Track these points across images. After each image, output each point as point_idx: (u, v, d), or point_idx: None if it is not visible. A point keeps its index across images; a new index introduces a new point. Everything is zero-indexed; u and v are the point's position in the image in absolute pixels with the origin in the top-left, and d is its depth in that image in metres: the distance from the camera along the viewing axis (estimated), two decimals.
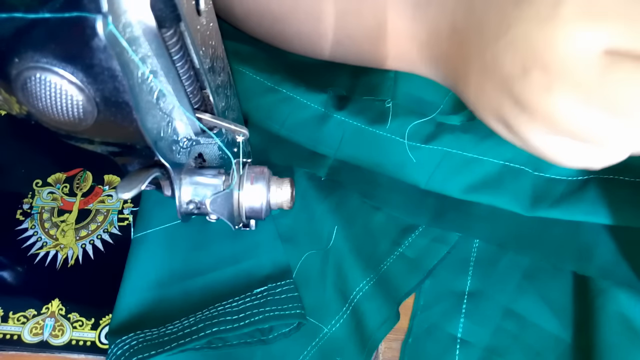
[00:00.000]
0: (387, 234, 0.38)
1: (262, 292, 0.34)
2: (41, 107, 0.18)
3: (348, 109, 0.38)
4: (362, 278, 0.36)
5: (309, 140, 0.39)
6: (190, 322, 0.32)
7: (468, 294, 0.36)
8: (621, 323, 0.32)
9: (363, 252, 0.37)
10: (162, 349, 0.31)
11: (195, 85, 0.24)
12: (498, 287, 0.36)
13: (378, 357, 0.35)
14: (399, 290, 0.36)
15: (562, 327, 0.34)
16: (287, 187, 0.30)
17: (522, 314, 0.35)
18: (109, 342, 0.33)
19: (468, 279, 0.36)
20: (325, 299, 0.35)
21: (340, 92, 0.39)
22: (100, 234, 0.40)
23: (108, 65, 0.17)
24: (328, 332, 0.34)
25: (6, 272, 0.39)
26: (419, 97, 0.38)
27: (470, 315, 0.35)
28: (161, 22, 0.19)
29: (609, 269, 0.33)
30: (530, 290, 0.35)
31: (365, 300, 0.35)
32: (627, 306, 0.32)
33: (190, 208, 0.27)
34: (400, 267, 0.37)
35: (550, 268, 0.36)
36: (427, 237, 0.38)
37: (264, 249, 0.36)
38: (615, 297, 0.32)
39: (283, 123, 0.39)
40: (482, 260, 0.37)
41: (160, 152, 0.23)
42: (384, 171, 0.37)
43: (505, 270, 0.36)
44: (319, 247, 0.37)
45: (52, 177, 0.43)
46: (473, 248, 0.37)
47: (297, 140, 0.39)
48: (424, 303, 0.36)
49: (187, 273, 0.36)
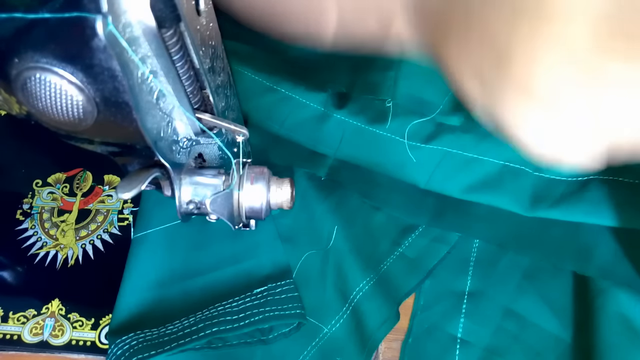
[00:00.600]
0: (387, 234, 0.38)
1: (262, 292, 0.34)
2: (41, 107, 0.18)
3: (348, 108, 0.38)
4: (362, 278, 0.36)
5: (308, 139, 0.39)
6: (190, 322, 0.32)
7: (468, 294, 0.36)
8: (621, 323, 0.31)
9: (363, 252, 0.37)
10: (162, 349, 0.31)
11: (195, 85, 0.24)
12: (498, 287, 0.36)
13: (378, 357, 0.35)
14: (399, 290, 0.36)
15: (562, 327, 0.34)
16: (287, 187, 0.30)
17: (522, 314, 0.35)
18: (109, 342, 0.33)
19: (468, 279, 0.36)
20: (325, 299, 0.35)
21: (340, 89, 0.39)
22: (100, 234, 0.40)
23: (108, 65, 0.17)
24: (328, 332, 0.34)
25: (6, 272, 0.39)
26: (418, 97, 0.38)
27: (471, 315, 0.35)
28: (161, 22, 0.19)
29: (609, 269, 0.33)
30: (530, 291, 0.35)
31: (365, 300, 0.35)
32: (627, 306, 0.32)
33: (190, 208, 0.27)
34: (400, 267, 0.37)
35: (550, 268, 0.36)
36: (427, 237, 0.38)
37: (264, 249, 0.36)
38: (615, 297, 0.32)
39: (282, 123, 0.39)
40: (482, 261, 0.37)
41: (160, 152, 0.23)
42: (384, 171, 0.37)
43: (505, 271, 0.36)
44: (319, 247, 0.37)
45: (52, 177, 0.43)
46: (473, 248, 0.37)
47: (296, 139, 0.39)
48: (424, 303, 0.36)
49: (187, 273, 0.36)
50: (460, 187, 0.35)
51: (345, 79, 0.40)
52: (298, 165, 0.39)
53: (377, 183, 0.38)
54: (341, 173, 0.38)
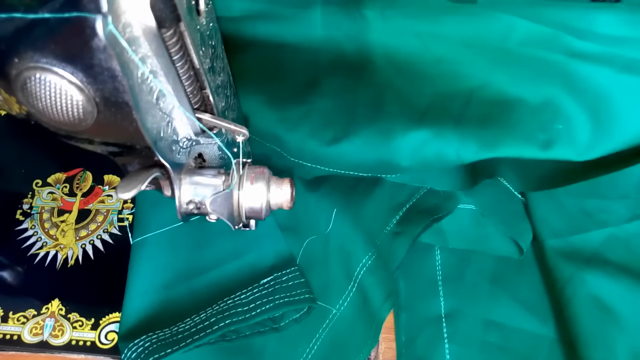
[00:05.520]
0: (381, 211, 0.39)
1: (269, 282, 0.34)
2: (41, 107, 0.18)
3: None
4: (364, 253, 0.36)
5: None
6: (201, 318, 0.33)
7: (445, 317, 0.36)
8: (595, 306, 0.32)
9: (362, 229, 0.38)
10: (178, 346, 0.31)
11: (195, 85, 0.24)
12: (471, 299, 0.36)
13: (378, 357, 0.35)
14: (391, 265, 0.37)
15: (542, 323, 0.35)
16: (287, 187, 0.30)
17: (501, 321, 0.35)
18: (121, 348, 0.33)
19: (441, 300, 0.37)
20: (330, 280, 0.36)
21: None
22: (100, 234, 0.40)
23: (108, 65, 0.17)
24: (337, 312, 0.35)
25: (6, 272, 0.39)
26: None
27: (453, 338, 0.35)
28: (161, 22, 0.19)
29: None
30: (502, 295, 0.36)
31: (368, 275, 0.36)
32: (595, 286, 0.33)
33: (190, 208, 0.27)
34: (391, 240, 0.38)
35: (514, 265, 0.37)
36: (414, 211, 0.39)
37: (266, 241, 0.36)
38: (583, 281, 0.33)
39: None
40: (449, 276, 0.38)
41: (160, 152, 0.23)
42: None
43: (473, 280, 0.37)
44: (319, 232, 0.37)
45: (52, 177, 0.43)
46: (437, 266, 0.38)
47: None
48: (405, 339, 0.36)
49: (191, 272, 0.36)
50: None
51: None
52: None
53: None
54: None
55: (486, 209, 0.39)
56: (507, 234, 0.38)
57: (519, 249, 0.37)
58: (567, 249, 0.36)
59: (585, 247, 0.35)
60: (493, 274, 0.37)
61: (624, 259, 0.34)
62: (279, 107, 0.34)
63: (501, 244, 0.38)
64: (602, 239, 0.35)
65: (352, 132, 0.32)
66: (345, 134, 0.33)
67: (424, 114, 0.32)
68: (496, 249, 0.38)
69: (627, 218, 0.35)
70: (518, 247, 0.37)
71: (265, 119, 0.35)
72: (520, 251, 0.37)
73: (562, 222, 0.37)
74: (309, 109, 0.34)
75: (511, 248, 0.38)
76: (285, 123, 0.34)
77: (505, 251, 0.38)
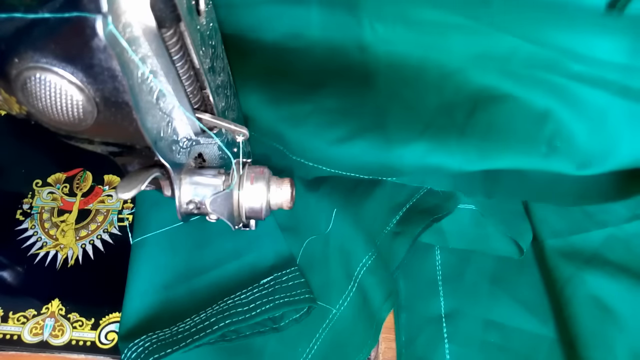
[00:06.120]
0: (381, 211, 0.39)
1: (269, 282, 0.34)
2: (41, 107, 0.18)
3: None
4: (364, 253, 0.36)
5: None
6: (201, 318, 0.33)
7: (445, 317, 0.36)
8: (594, 306, 0.32)
9: (362, 229, 0.38)
10: (178, 346, 0.31)
11: (195, 85, 0.24)
12: (471, 300, 0.36)
13: (378, 357, 0.35)
14: (392, 264, 0.37)
15: (542, 323, 0.35)
16: (287, 187, 0.30)
17: (501, 321, 0.35)
18: (121, 348, 0.33)
19: (441, 300, 0.37)
20: (330, 280, 0.36)
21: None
22: (100, 234, 0.40)
23: (108, 65, 0.17)
24: (337, 312, 0.35)
25: (6, 272, 0.39)
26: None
27: (453, 338, 0.35)
28: (161, 22, 0.19)
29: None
30: (502, 295, 0.36)
31: (368, 275, 0.36)
32: (595, 286, 0.33)
33: (190, 208, 0.27)
34: (391, 240, 0.38)
35: (514, 265, 0.37)
36: (414, 212, 0.39)
37: (265, 241, 0.36)
38: (583, 281, 0.33)
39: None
40: (449, 276, 0.38)
41: (160, 152, 0.23)
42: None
43: (474, 280, 0.37)
44: (319, 232, 0.37)
45: (52, 177, 0.43)
46: (437, 266, 0.38)
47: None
48: (405, 339, 0.36)
49: (191, 272, 0.36)
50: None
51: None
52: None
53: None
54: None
55: (486, 209, 0.39)
56: (507, 234, 0.38)
57: (519, 249, 0.37)
58: (567, 249, 0.36)
59: (585, 247, 0.35)
60: (493, 274, 0.37)
61: (624, 259, 0.34)
62: (283, 104, 0.34)
63: (501, 244, 0.38)
64: (602, 239, 0.35)
65: (355, 135, 0.32)
66: (349, 136, 0.33)
67: (428, 124, 0.32)
68: (496, 249, 0.38)
69: (627, 218, 0.35)
70: (518, 247, 0.37)
71: (268, 115, 0.34)
72: (520, 251, 0.37)
73: (562, 222, 0.37)
74: (314, 108, 0.34)
75: (511, 248, 0.38)
76: (289, 120, 0.34)
77: (505, 251, 0.38)
